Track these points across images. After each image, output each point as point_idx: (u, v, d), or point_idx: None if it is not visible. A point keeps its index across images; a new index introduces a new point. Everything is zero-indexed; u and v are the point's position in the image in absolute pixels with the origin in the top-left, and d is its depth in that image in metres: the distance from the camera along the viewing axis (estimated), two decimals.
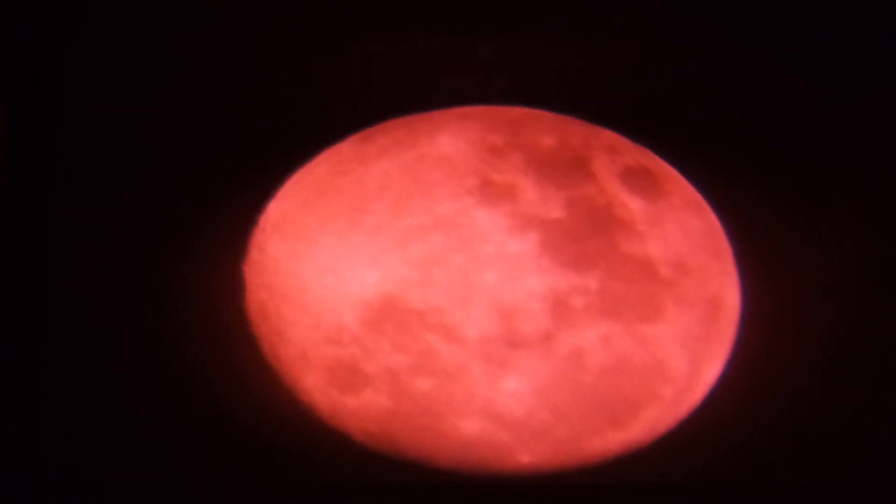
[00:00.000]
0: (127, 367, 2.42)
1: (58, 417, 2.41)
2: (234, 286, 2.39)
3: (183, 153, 2.48)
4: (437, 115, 2.41)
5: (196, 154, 2.48)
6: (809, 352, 2.42)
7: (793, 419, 2.42)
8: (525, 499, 2.38)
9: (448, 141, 2.33)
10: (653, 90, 2.49)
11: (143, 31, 2.50)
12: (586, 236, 2.26)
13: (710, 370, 2.35)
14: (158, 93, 2.49)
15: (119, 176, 2.48)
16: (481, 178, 2.29)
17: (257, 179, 2.42)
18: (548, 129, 2.37)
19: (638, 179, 2.33)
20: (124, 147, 2.48)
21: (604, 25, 2.52)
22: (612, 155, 2.35)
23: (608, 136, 2.40)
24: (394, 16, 2.51)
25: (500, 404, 2.24)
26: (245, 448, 2.40)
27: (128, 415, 2.42)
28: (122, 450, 2.40)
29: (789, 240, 2.45)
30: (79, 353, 2.43)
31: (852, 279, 2.45)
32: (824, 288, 2.44)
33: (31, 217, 2.47)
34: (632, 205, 2.30)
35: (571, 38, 2.51)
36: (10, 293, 2.43)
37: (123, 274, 2.44)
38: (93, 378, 2.42)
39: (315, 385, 2.31)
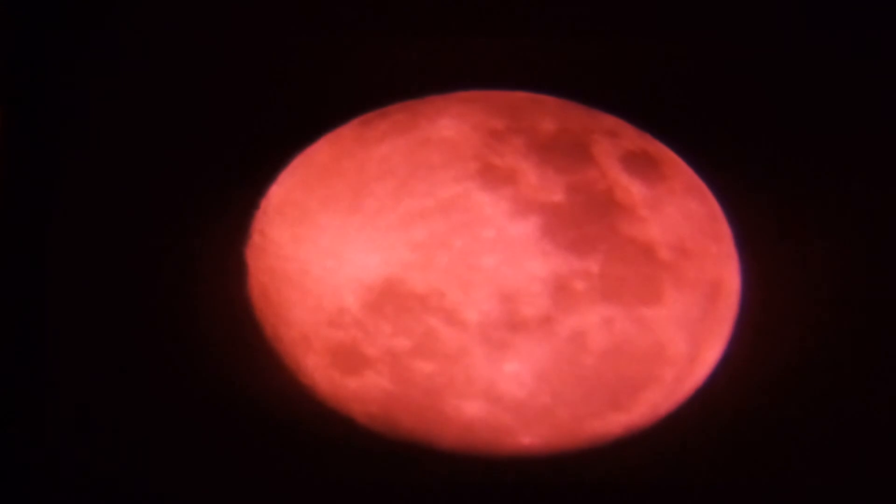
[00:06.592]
0: (129, 352, 2.44)
1: (63, 398, 2.42)
2: (236, 270, 2.40)
3: (185, 139, 2.48)
4: (439, 100, 2.41)
5: (198, 139, 2.48)
6: (808, 335, 2.43)
7: (792, 402, 2.43)
8: (526, 480, 2.39)
9: (449, 125, 2.34)
10: (653, 75, 2.49)
11: (144, 25, 2.51)
12: (587, 220, 2.26)
13: (710, 352, 2.35)
14: (160, 81, 2.50)
15: (121, 163, 2.49)
16: (482, 162, 2.29)
17: (259, 163, 2.42)
18: (549, 113, 2.37)
19: (639, 164, 2.34)
20: (126, 136, 2.49)
21: (605, 12, 2.52)
22: (612, 139, 2.35)
23: (609, 120, 2.40)
24: (397, 9, 2.51)
25: (500, 386, 2.25)
26: (247, 430, 2.41)
27: (130, 398, 2.43)
28: (125, 431, 2.42)
29: (789, 223, 2.46)
30: (81, 339, 2.44)
31: (851, 262, 2.46)
32: (823, 271, 2.45)
33: (36, 204, 2.48)
34: (632, 189, 2.30)
35: (573, 25, 2.52)
36: (14, 283, 2.44)
37: (126, 260, 2.45)
38: (93, 365, 2.43)
39: (317, 367, 2.32)
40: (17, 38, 2.49)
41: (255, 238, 2.39)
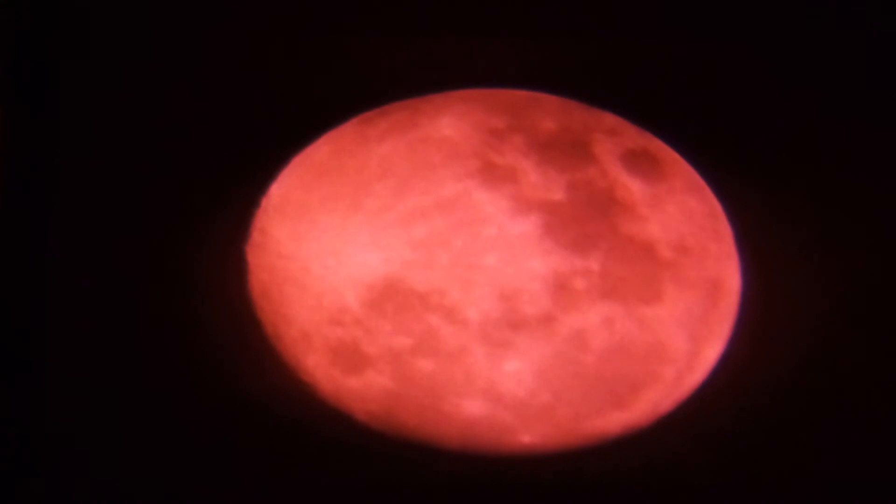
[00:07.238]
0: (129, 352, 2.44)
1: (63, 397, 2.42)
2: (236, 268, 2.40)
3: (185, 138, 2.48)
4: (439, 98, 2.41)
5: (199, 138, 2.48)
6: (808, 334, 2.43)
7: (792, 401, 2.43)
8: (526, 479, 2.39)
9: (450, 123, 2.34)
10: (654, 74, 2.49)
11: (144, 25, 2.51)
12: (588, 218, 2.26)
13: (711, 351, 2.35)
14: (160, 81, 2.50)
15: (121, 162, 2.49)
16: (483, 161, 2.29)
17: (260, 162, 2.42)
18: (549, 112, 2.37)
19: (639, 162, 2.34)
20: (126, 135, 2.49)
21: (605, 11, 2.52)
22: (613, 138, 2.36)
23: (609, 119, 2.40)
24: (397, 9, 2.51)
25: (501, 385, 2.25)
26: (247, 429, 2.41)
27: (130, 397, 2.43)
28: (125, 430, 2.42)
29: (789, 222, 2.46)
30: (81, 339, 2.44)
31: (851, 261, 2.46)
32: (823, 270, 2.45)
33: (36, 204, 2.48)
34: (633, 187, 2.31)
35: (573, 25, 2.52)
36: (14, 283, 2.44)
37: (127, 259, 2.45)
38: (94, 365, 2.43)
39: (317, 366, 2.32)
40: (17, 38, 2.49)
41: (256, 236, 2.39)
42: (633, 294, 2.25)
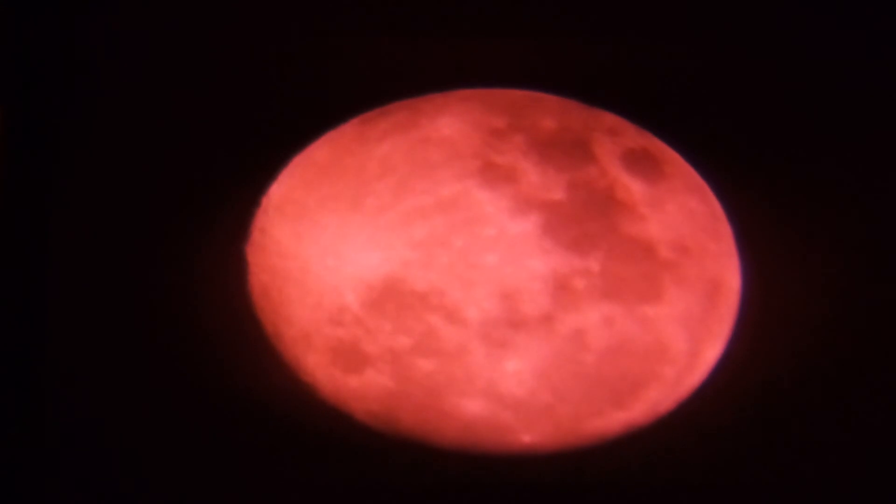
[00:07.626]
0: (129, 352, 2.44)
1: (64, 398, 2.42)
2: (236, 268, 2.40)
3: (186, 138, 2.48)
4: (439, 98, 2.41)
5: (199, 138, 2.48)
6: (808, 334, 2.43)
7: (792, 401, 2.43)
8: (527, 479, 2.39)
9: (450, 123, 2.34)
10: (653, 73, 2.49)
11: (144, 25, 2.51)
12: (587, 218, 2.26)
13: (711, 351, 2.35)
14: (160, 81, 2.50)
15: (122, 162, 2.49)
16: (483, 161, 2.29)
17: (260, 162, 2.42)
18: (549, 111, 2.38)
19: (639, 162, 2.34)
20: (127, 134, 2.49)
21: (605, 12, 2.52)
22: (613, 137, 2.36)
23: (609, 118, 2.40)
24: (397, 9, 2.51)
25: (501, 384, 2.25)
26: (247, 429, 2.41)
27: (130, 397, 2.43)
28: (125, 431, 2.42)
29: (789, 221, 2.46)
30: (81, 339, 2.44)
31: (851, 261, 2.46)
32: (823, 271, 2.45)
33: (36, 204, 2.48)
34: (633, 187, 2.31)
35: (573, 25, 2.52)
36: (14, 283, 2.44)
37: (127, 259, 2.45)
38: (94, 365, 2.43)
39: (317, 365, 2.32)
40: (17, 38, 2.49)
41: (256, 236, 2.39)
42: (633, 294, 2.25)
